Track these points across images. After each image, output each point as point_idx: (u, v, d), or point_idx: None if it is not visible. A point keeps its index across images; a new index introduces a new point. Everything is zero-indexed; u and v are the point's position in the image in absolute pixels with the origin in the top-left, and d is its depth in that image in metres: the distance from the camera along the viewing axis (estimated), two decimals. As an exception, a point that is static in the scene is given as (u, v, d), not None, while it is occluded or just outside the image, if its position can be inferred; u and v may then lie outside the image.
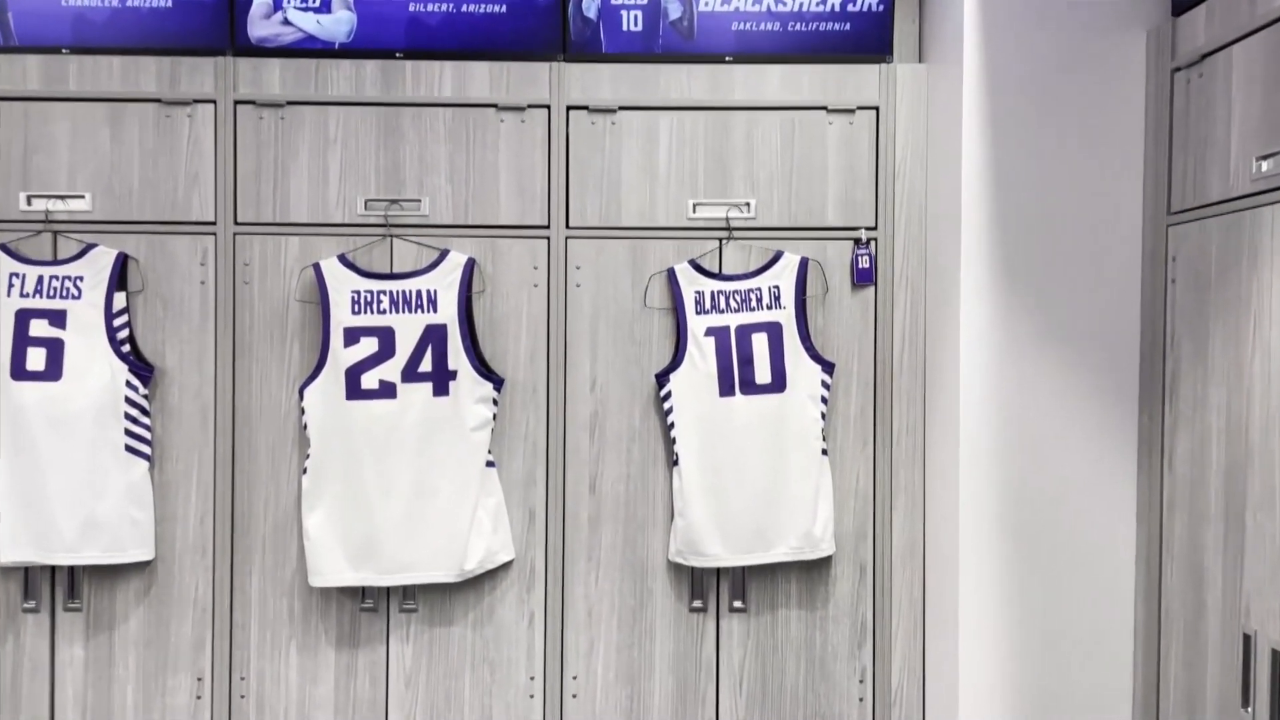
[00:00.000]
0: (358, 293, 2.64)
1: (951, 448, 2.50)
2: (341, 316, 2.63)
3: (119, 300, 2.65)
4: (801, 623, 2.73)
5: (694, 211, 2.72)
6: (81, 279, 2.63)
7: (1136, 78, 2.42)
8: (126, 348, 2.66)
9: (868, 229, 2.72)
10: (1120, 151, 2.42)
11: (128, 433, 2.63)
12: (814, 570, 2.73)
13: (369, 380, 2.62)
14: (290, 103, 2.68)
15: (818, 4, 2.73)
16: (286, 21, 2.70)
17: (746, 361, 2.66)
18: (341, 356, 2.63)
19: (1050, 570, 2.44)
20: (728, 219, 2.71)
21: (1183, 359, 2.27)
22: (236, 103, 2.68)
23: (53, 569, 2.68)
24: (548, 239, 2.72)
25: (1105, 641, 2.44)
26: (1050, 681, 2.45)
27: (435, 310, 2.64)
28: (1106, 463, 2.43)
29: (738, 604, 2.71)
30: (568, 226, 2.72)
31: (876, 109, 2.72)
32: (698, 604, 2.72)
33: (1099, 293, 2.43)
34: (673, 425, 2.67)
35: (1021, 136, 2.42)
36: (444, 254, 2.68)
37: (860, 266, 2.70)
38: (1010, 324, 2.43)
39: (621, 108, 2.70)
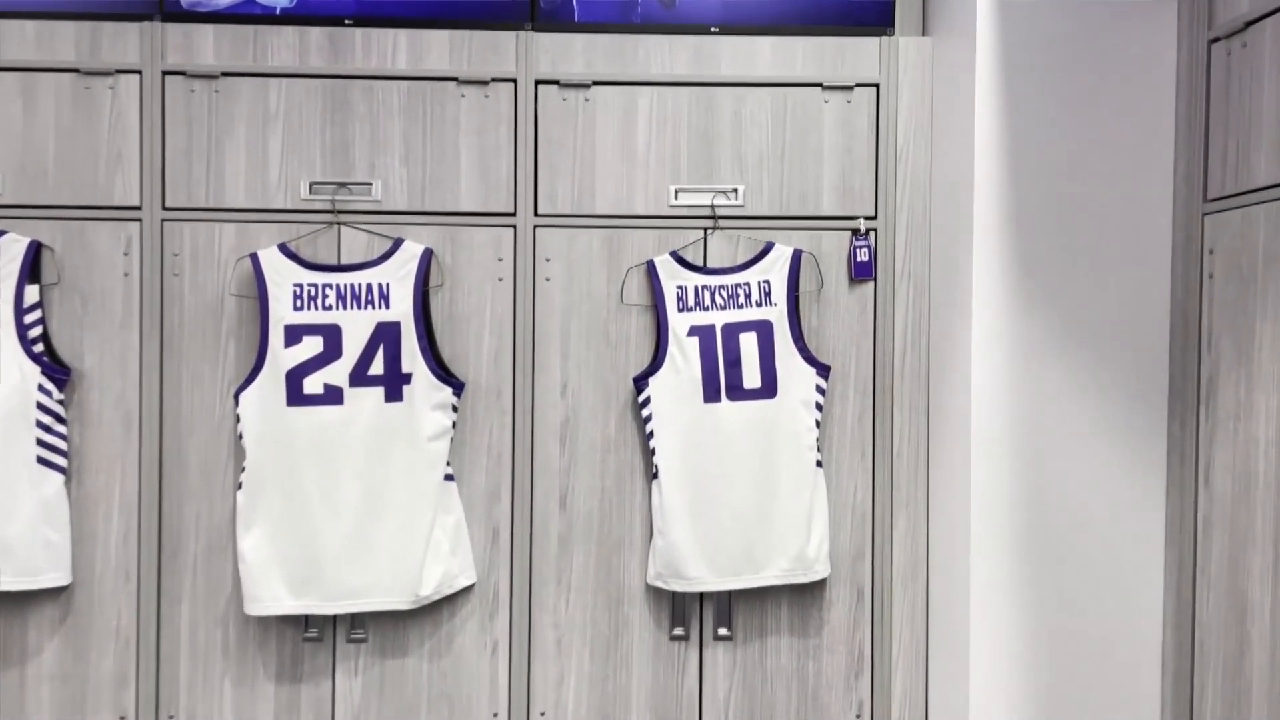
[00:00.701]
0: (300, 286, 2.51)
1: (960, 459, 2.37)
2: (282, 313, 2.49)
3: (31, 294, 2.52)
4: (793, 652, 2.62)
5: (676, 198, 2.60)
6: (-12, 270, 2.51)
7: (1167, 50, 2.30)
8: (39, 347, 2.51)
9: (867, 218, 2.61)
10: (1149, 132, 2.31)
11: (40, 443, 2.49)
12: (807, 594, 2.62)
13: (313, 384, 2.49)
14: (225, 74, 2.55)
15: (812, -29, 2.64)
16: (221, -17, 2.57)
17: (733, 364, 2.55)
18: (282, 357, 2.48)
19: (1069, 595, 2.32)
20: (713, 206, 2.59)
21: (1221, 361, 2.12)
22: (165, 73, 2.56)
23: (-45, 596, 2.55)
24: (514, 228, 2.59)
25: (1130, 676, 2.32)
26: (1069, 718, 2.32)
27: (388, 306, 2.51)
28: (1133, 476, 2.32)
29: (723, 631, 2.60)
30: (536, 214, 2.60)
31: (877, 86, 2.62)
32: (679, 632, 2.60)
33: (1125, 288, 2.31)
34: (652, 434, 2.55)
35: (1039, 116, 2.30)
36: (398, 244, 2.54)
37: (858, 259, 2.60)
38: (1026, 322, 2.31)
39: (596, 82, 2.59)
